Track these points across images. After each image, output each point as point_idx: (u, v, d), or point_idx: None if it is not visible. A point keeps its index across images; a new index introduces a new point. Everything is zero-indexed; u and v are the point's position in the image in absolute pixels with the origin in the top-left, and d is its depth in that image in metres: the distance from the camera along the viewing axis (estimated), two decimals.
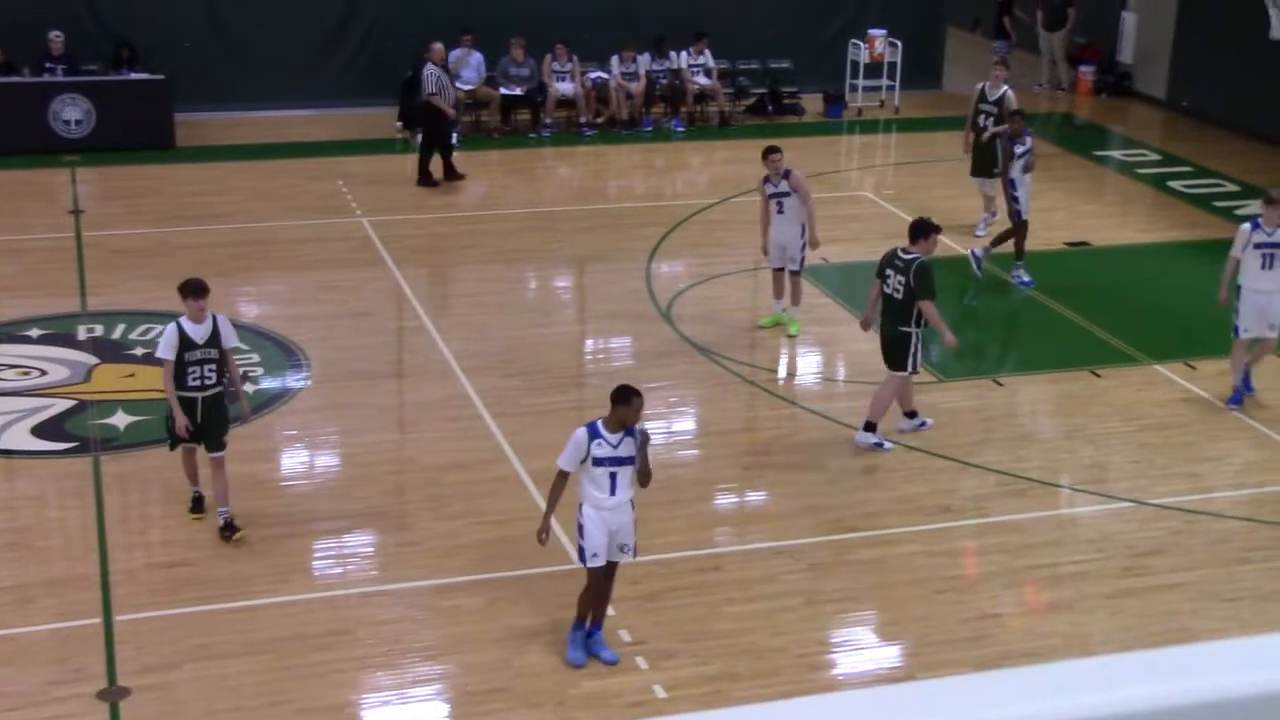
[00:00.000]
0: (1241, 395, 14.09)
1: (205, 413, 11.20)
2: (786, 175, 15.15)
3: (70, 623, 10.34)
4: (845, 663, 10.36)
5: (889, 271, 12.95)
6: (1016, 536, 11.82)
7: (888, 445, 13.13)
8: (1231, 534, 11.95)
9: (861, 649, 10.52)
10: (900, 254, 12.92)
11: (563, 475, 9.69)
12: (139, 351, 14.82)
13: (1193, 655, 2.33)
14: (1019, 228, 17.15)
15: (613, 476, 9.60)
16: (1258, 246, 13.76)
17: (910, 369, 13.00)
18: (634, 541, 9.88)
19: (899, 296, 12.84)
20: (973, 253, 17.41)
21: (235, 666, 9.87)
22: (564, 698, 9.64)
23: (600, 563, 9.75)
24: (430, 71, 20.55)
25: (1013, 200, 17.18)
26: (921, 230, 12.96)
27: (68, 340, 15.12)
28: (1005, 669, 2.28)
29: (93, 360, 14.66)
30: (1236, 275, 13.93)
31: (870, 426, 13.12)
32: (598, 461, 9.56)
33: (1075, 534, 11.98)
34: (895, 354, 13.00)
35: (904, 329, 12.87)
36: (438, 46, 21.25)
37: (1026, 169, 17.03)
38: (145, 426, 13.20)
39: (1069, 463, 13.16)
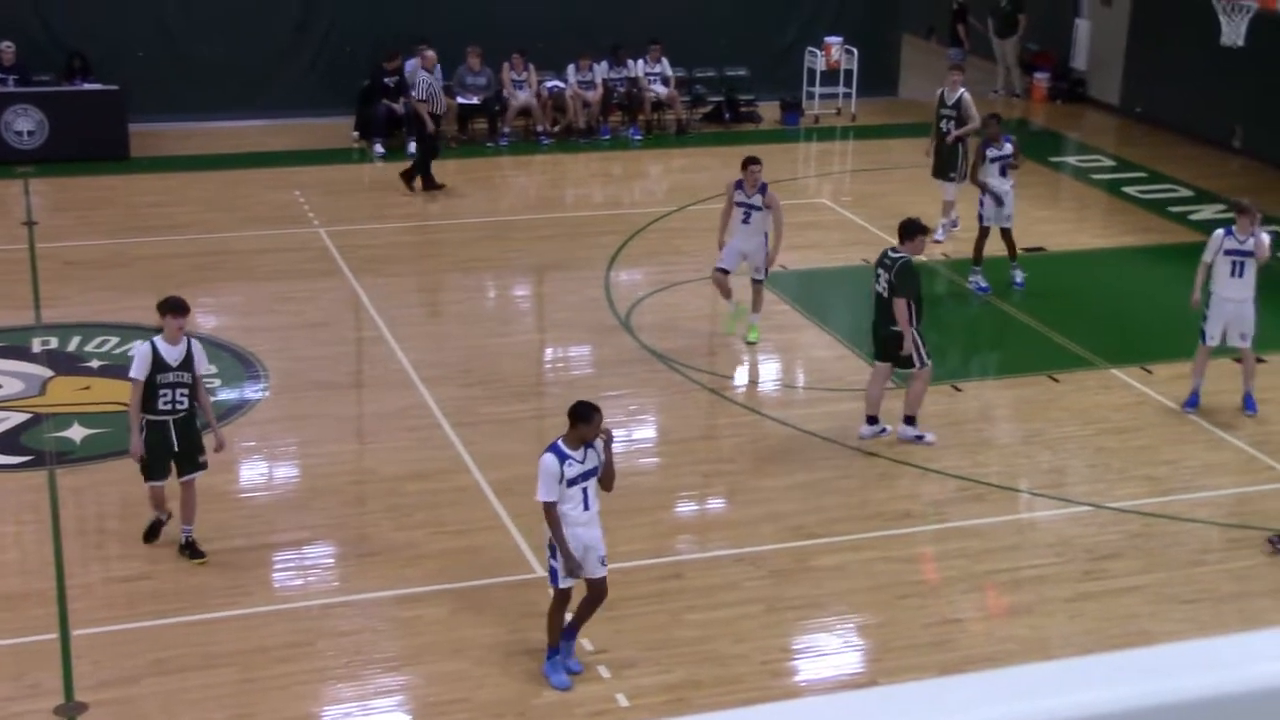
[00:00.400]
0: (1198, 399, 14.20)
1: (179, 436, 10.93)
2: (762, 190, 15.12)
3: (27, 638, 10.23)
4: (808, 669, 10.38)
5: (879, 271, 13.17)
6: (976, 541, 11.87)
7: (929, 438, 13.36)
8: (1188, 537, 12.04)
9: (824, 655, 10.54)
10: (889, 254, 13.16)
11: (551, 505, 9.50)
12: (95, 364, 14.71)
13: (1152, 658, 2.35)
14: (982, 232, 17.23)
15: (584, 492, 9.57)
16: (1228, 253, 13.83)
17: (919, 363, 13.14)
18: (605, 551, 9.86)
19: (886, 295, 13.03)
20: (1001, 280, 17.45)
21: (195, 680, 9.79)
22: (525, 708, 9.61)
23: (571, 584, 9.69)
24: (422, 78, 20.67)
25: (979, 204, 17.27)
26: (910, 230, 13.12)
27: (22, 353, 14.98)
28: (967, 673, 2.29)
29: (48, 373, 14.54)
30: (1208, 281, 14.04)
31: (910, 420, 13.37)
32: (571, 481, 9.50)
33: (1035, 538, 12.04)
34: (898, 354, 13.15)
35: (895, 329, 13.03)
36: (430, 54, 21.28)
37: (1002, 172, 17.11)
38: (102, 439, 13.10)
39: (1027, 467, 13.23)
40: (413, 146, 22.39)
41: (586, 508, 9.58)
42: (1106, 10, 26.61)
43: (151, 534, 11.38)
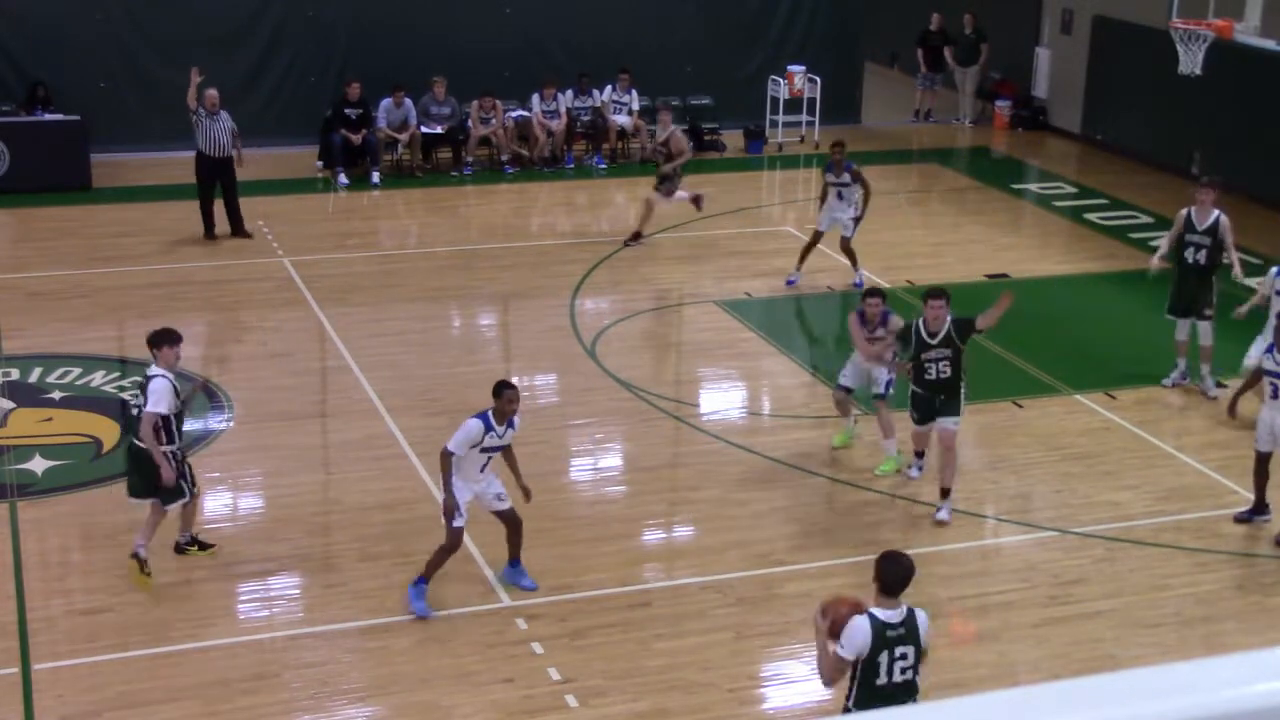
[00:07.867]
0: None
1: (180, 463, 11.31)
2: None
3: None
4: (776, 696, 10.36)
5: (934, 348, 12.62)
6: (942, 567, 11.89)
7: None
8: (1153, 561, 12.09)
9: (791, 682, 10.51)
10: (930, 327, 12.63)
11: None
12: (56, 395, 14.61)
13: (1117, 683, 2.35)
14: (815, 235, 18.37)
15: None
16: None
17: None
18: None
19: (952, 352, 12.69)
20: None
21: (159, 714, 9.71)
22: None
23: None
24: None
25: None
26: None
27: None
28: (934, 701, 2.29)
29: (9, 405, 14.43)
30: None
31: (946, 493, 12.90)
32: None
33: (1000, 564, 12.07)
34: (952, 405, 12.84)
35: (947, 383, 12.80)
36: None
37: (839, 196, 17.99)
38: (64, 471, 13.01)
39: (993, 493, 13.28)
40: (376, 177, 22.47)
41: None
42: (1066, 39, 26.83)
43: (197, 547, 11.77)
